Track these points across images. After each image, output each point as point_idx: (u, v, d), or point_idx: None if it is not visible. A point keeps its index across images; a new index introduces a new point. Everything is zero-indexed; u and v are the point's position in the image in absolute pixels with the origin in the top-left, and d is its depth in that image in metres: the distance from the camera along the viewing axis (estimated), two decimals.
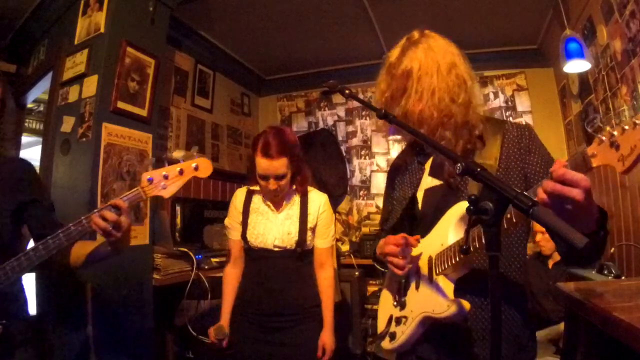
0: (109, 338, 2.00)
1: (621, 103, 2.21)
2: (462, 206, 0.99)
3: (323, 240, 1.75)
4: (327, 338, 1.68)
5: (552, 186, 0.70)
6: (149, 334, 2.23)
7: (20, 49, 3.08)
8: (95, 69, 2.18)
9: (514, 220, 0.85)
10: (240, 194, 1.81)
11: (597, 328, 0.86)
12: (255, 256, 1.73)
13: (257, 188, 1.75)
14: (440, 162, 1.11)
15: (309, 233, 1.71)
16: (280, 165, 1.59)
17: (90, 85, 2.16)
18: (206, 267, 2.51)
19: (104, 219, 1.09)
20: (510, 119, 3.62)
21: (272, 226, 1.70)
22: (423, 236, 1.10)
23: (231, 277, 1.81)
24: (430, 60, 1.04)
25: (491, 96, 3.70)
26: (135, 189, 1.16)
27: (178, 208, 2.94)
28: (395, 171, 1.28)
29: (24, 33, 2.98)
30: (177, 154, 1.20)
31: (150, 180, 1.16)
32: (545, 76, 3.52)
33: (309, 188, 1.79)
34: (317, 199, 1.76)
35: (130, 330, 2.13)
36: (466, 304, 0.93)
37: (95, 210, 1.11)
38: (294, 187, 1.75)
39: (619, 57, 2.17)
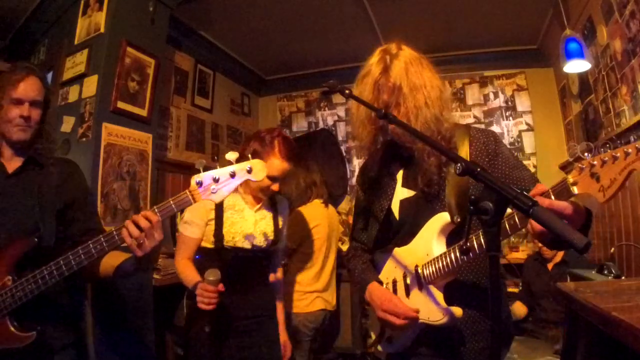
0: (109, 338, 2.00)
1: (621, 103, 2.21)
2: (441, 217, 1.05)
3: (283, 242, 1.81)
4: (286, 337, 1.79)
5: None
6: (149, 334, 2.23)
7: (20, 49, 3.08)
8: (95, 69, 2.18)
9: (519, 225, 0.86)
10: None
11: (597, 328, 0.86)
12: (221, 256, 1.61)
13: None
14: (413, 173, 1.14)
15: (279, 233, 1.74)
16: (286, 170, 1.63)
17: (90, 85, 2.16)
18: None
19: (138, 226, 1.03)
20: (511, 119, 3.63)
21: (247, 224, 1.64)
22: (403, 244, 1.14)
23: (189, 266, 1.62)
24: (416, 75, 1.09)
25: (491, 96, 3.70)
26: (183, 192, 1.08)
27: None
28: (366, 180, 1.28)
29: (24, 33, 2.98)
30: (231, 155, 1.10)
31: (199, 184, 1.07)
32: (545, 76, 3.52)
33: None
34: (283, 202, 1.81)
35: (130, 330, 2.13)
36: (458, 311, 0.99)
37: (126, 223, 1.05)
38: None
39: (619, 57, 2.17)
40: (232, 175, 1.08)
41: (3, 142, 1.22)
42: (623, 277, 1.93)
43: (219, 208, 1.63)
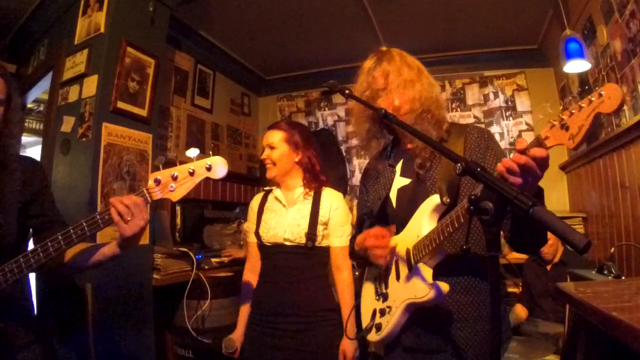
0: (109, 338, 2.00)
1: None
2: (432, 199, 1.08)
3: (338, 238, 1.70)
4: (346, 346, 1.59)
5: (524, 160, 0.79)
6: (149, 334, 2.23)
7: (20, 49, 3.08)
8: (95, 69, 2.18)
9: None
10: (257, 197, 1.87)
11: (597, 328, 0.86)
12: (267, 253, 1.73)
13: (272, 188, 1.82)
14: (411, 162, 1.20)
15: (320, 227, 1.67)
16: (273, 136, 1.73)
17: (90, 85, 2.16)
18: (206, 267, 2.51)
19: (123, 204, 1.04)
20: (511, 119, 3.63)
21: (282, 220, 1.70)
22: (399, 231, 1.17)
23: (248, 286, 1.82)
24: (405, 63, 1.19)
25: (491, 96, 3.70)
26: (139, 191, 1.08)
27: (178, 208, 2.94)
28: (368, 177, 1.36)
29: (24, 33, 2.98)
30: (191, 152, 1.10)
31: (157, 182, 1.07)
32: (545, 76, 3.52)
33: (325, 187, 1.77)
34: (330, 196, 1.74)
35: (130, 330, 2.12)
36: (445, 286, 1.01)
37: (97, 213, 1.07)
38: (312, 183, 1.75)
39: (619, 57, 2.17)
40: (192, 173, 1.08)
41: None
42: (623, 277, 1.92)
43: (260, 211, 1.78)
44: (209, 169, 1.08)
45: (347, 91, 1.07)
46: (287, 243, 1.67)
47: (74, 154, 2.16)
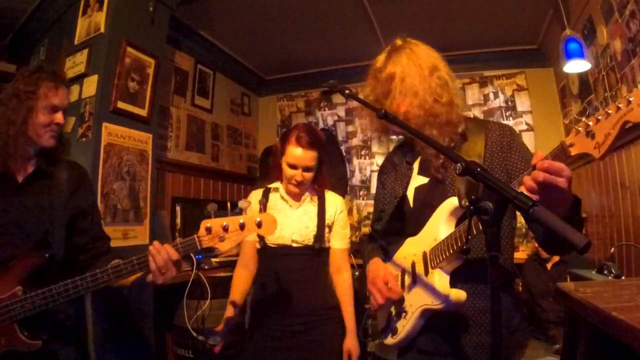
0: (109, 338, 2.00)
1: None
2: (450, 202, 1.04)
3: (340, 241, 1.73)
4: (351, 344, 1.63)
5: (543, 176, 0.75)
6: (149, 334, 2.23)
7: (20, 49, 3.08)
8: (95, 69, 2.18)
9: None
10: (255, 194, 1.79)
11: (597, 328, 0.86)
12: (271, 255, 1.69)
13: (274, 186, 1.76)
14: (428, 159, 1.16)
15: (327, 229, 1.70)
16: (310, 157, 1.63)
17: (90, 85, 2.17)
18: (206, 267, 2.51)
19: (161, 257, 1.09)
20: (511, 119, 3.63)
21: (289, 221, 1.68)
22: (416, 232, 1.14)
23: (240, 279, 1.76)
24: (413, 64, 1.12)
25: (491, 96, 3.70)
26: (190, 237, 1.11)
27: (178, 208, 2.94)
28: (385, 172, 1.33)
29: (24, 33, 2.98)
30: (242, 204, 1.11)
31: (208, 230, 1.09)
32: (545, 76, 3.52)
33: (326, 190, 1.79)
34: (335, 199, 1.76)
35: (130, 330, 2.12)
36: (461, 294, 0.98)
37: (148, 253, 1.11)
38: (315, 185, 1.74)
39: (619, 57, 2.17)
40: (242, 226, 1.08)
41: (21, 146, 1.20)
42: (623, 277, 1.92)
43: (262, 209, 1.71)
44: (259, 225, 1.08)
45: (347, 91, 1.06)
46: (295, 245, 1.66)
47: (74, 154, 2.15)
